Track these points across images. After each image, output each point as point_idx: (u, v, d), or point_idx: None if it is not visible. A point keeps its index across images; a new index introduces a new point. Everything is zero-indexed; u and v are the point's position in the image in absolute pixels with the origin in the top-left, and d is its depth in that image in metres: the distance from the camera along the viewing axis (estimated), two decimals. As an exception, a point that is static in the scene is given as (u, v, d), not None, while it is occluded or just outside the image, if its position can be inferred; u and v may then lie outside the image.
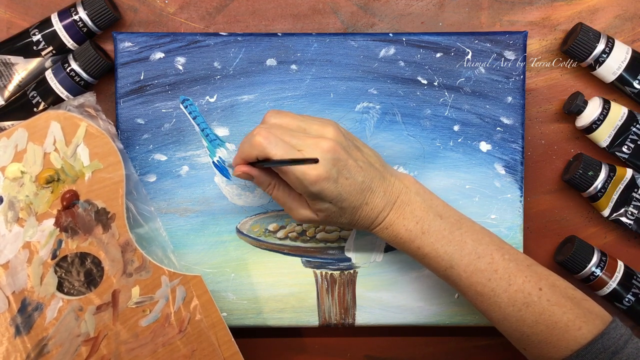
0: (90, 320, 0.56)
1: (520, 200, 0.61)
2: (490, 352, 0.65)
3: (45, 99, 0.59)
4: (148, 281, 0.57)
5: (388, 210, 0.52)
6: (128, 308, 0.56)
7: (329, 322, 0.61)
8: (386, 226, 0.52)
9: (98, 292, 0.56)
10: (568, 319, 0.49)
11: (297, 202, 0.52)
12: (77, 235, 0.56)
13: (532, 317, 0.50)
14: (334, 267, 0.61)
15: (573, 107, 0.60)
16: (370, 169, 0.51)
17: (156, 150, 0.60)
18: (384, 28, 0.62)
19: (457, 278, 0.52)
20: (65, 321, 0.56)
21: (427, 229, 0.51)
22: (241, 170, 0.52)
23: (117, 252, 0.56)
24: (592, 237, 0.64)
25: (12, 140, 0.55)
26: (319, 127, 0.51)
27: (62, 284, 0.56)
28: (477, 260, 0.51)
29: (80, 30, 0.59)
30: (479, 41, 0.59)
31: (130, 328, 0.56)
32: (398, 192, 0.52)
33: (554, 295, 0.50)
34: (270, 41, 0.59)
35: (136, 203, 0.59)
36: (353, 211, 0.51)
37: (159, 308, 0.57)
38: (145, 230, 0.59)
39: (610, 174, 0.61)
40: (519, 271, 0.51)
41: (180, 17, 0.62)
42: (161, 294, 0.57)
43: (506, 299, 0.50)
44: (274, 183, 0.53)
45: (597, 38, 0.60)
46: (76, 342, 0.56)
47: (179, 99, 0.60)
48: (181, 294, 0.57)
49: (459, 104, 0.60)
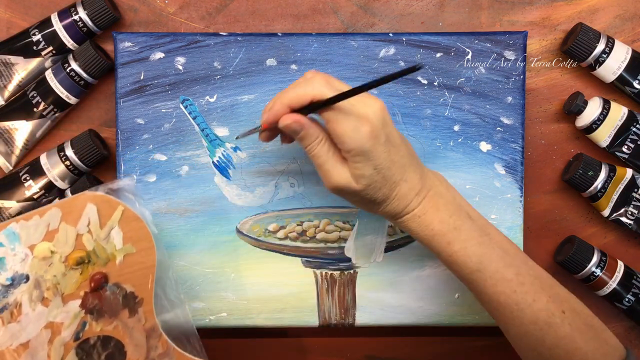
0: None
1: (520, 200, 0.61)
2: (490, 352, 0.65)
3: (45, 99, 0.59)
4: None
5: (423, 196, 0.49)
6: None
7: (329, 322, 0.61)
8: (419, 214, 0.49)
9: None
10: (589, 349, 0.48)
11: (339, 163, 0.48)
12: (103, 318, 0.55)
13: (553, 339, 0.48)
14: (334, 267, 0.61)
15: (573, 107, 0.60)
16: (409, 148, 0.49)
17: (156, 150, 0.60)
18: (384, 28, 0.62)
19: (482, 284, 0.49)
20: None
21: (460, 225, 0.49)
22: (292, 119, 0.47)
23: (141, 337, 0.55)
24: (592, 237, 0.64)
25: (45, 219, 0.54)
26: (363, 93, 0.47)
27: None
28: (504, 269, 0.48)
29: (80, 30, 0.59)
30: (479, 41, 0.59)
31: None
32: (432, 182, 0.50)
33: (576, 320, 0.48)
34: (270, 41, 0.59)
35: (165, 289, 0.57)
36: (392, 185, 0.48)
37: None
38: (171, 317, 0.58)
39: (610, 174, 0.61)
40: (543, 289, 0.49)
41: (180, 17, 0.62)
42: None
43: (529, 315, 0.48)
44: (322, 136, 0.47)
45: (597, 38, 0.60)
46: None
47: (179, 99, 0.60)
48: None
49: (459, 104, 0.60)
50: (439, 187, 0.50)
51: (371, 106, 0.46)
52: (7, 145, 0.61)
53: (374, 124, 0.45)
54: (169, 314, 0.58)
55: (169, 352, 0.56)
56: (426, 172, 0.50)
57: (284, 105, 0.47)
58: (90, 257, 0.55)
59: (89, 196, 0.55)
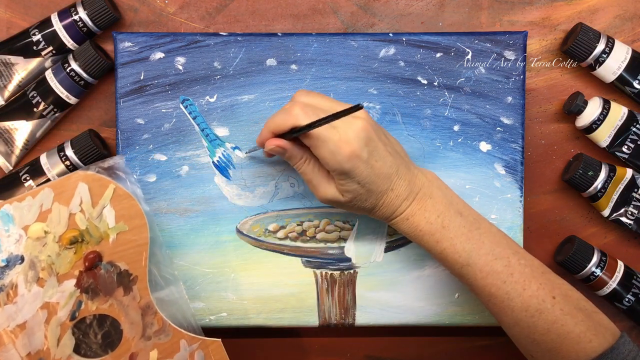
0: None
1: (520, 200, 0.61)
2: (490, 352, 0.65)
3: (45, 99, 0.59)
4: (167, 345, 0.56)
5: (411, 200, 0.52)
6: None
7: (329, 322, 0.61)
8: (407, 217, 0.52)
9: (115, 355, 0.56)
10: (580, 330, 0.49)
11: (324, 180, 0.52)
12: (98, 296, 0.56)
13: (545, 325, 0.50)
14: (334, 267, 0.61)
15: (573, 107, 0.60)
16: (397, 156, 0.51)
17: (156, 150, 0.60)
18: (384, 28, 0.62)
19: (472, 277, 0.51)
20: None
21: (447, 223, 0.51)
22: (274, 144, 0.52)
23: (137, 314, 0.56)
24: (592, 237, 0.64)
25: (37, 199, 0.55)
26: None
27: (80, 346, 0.56)
28: (493, 262, 0.51)
29: (80, 30, 0.59)
30: (479, 41, 0.59)
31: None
32: (421, 184, 0.52)
33: (567, 305, 0.50)
34: (270, 41, 0.59)
35: (159, 266, 0.58)
36: (379, 196, 0.51)
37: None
38: (166, 293, 0.58)
39: (610, 174, 0.61)
40: (534, 277, 0.51)
41: (180, 17, 0.62)
42: (179, 358, 0.56)
43: (520, 304, 0.50)
44: (305, 157, 0.52)
45: (597, 38, 0.60)
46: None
47: (179, 99, 0.60)
48: (200, 358, 0.57)
49: (459, 104, 0.60)
50: (429, 188, 0.52)
51: (352, 126, 0.49)
52: (7, 145, 0.61)
53: (353, 145, 0.48)
54: (164, 291, 0.58)
55: (165, 329, 0.56)
56: (416, 174, 0.52)
57: (269, 131, 0.52)
58: (83, 236, 0.55)
59: (80, 175, 0.55)
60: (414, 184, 0.52)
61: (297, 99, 0.52)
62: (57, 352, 0.55)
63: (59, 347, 0.55)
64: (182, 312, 0.58)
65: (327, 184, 0.52)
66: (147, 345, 0.56)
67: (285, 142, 0.52)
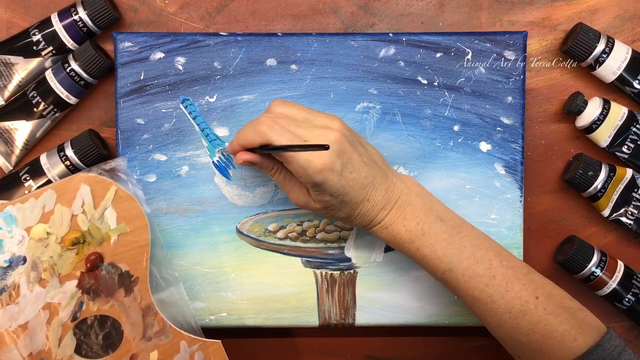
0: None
1: (520, 200, 0.61)
2: (490, 352, 0.65)
3: (45, 99, 0.59)
4: (167, 346, 0.56)
5: (389, 209, 0.51)
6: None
7: (329, 322, 0.61)
8: (386, 225, 0.52)
9: (116, 355, 0.56)
10: (564, 329, 0.49)
11: (297, 188, 0.52)
12: (99, 297, 0.56)
13: (528, 325, 0.50)
14: (334, 267, 0.61)
15: (573, 107, 0.60)
16: (374, 166, 0.51)
17: (156, 150, 0.60)
18: (384, 28, 0.62)
19: (454, 281, 0.52)
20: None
21: (427, 230, 0.51)
22: (243, 159, 0.52)
23: (137, 315, 0.56)
24: (592, 237, 0.64)
25: (40, 201, 0.55)
26: (325, 120, 0.51)
27: (81, 347, 0.56)
28: (475, 265, 0.51)
29: (80, 30, 0.59)
30: (479, 41, 0.59)
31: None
32: (399, 192, 0.52)
33: (550, 304, 0.50)
34: (270, 41, 0.59)
35: (160, 267, 0.58)
36: (353, 206, 0.51)
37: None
38: (167, 295, 0.58)
39: (610, 174, 0.61)
40: (517, 279, 0.51)
41: (180, 17, 0.62)
42: (180, 359, 0.56)
43: (503, 306, 0.50)
44: (277, 168, 0.53)
45: (597, 38, 0.60)
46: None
47: (179, 99, 0.60)
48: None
49: (459, 104, 0.60)
50: (408, 195, 0.52)
51: (325, 139, 0.49)
52: (7, 145, 0.61)
53: (324, 158, 0.48)
54: (164, 292, 0.58)
55: (166, 330, 0.57)
56: (394, 182, 0.52)
57: (239, 145, 0.52)
58: (85, 238, 0.56)
59: (82, 177, 0.56)
60: (391, 192, 0.52)
61: (271, 109, 0.52)
62: (58, 352, 0.55)
63: (60, 348, 0.55)
64: (182, 314, 0.59)
65: (299, 190, 0.52)
66: (147, 346, 0.56)
67: (255, 157, 0.52)
